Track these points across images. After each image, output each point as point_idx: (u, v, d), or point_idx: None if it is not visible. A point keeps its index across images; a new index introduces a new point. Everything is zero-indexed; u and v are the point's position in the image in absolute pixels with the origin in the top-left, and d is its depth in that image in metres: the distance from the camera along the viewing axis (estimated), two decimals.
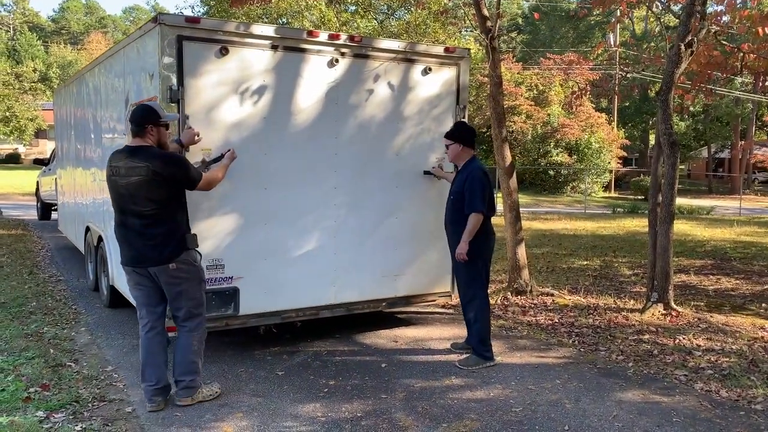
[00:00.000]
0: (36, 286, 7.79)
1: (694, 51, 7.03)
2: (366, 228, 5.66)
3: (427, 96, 5.88)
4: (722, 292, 8.38)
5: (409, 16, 18.98)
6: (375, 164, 5.67)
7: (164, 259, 4.04)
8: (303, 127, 5.28)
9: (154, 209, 4.02)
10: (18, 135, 39.64)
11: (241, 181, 4.95)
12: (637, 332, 6.07)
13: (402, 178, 5.81)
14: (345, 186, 5.52)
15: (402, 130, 5.79)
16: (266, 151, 5.12)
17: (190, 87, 4.74)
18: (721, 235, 14.68)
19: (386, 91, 5.66)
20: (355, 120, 5.53)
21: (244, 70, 4.97)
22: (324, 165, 5.41)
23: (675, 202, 6.83)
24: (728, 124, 39.48)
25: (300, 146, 5.28)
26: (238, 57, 4.92)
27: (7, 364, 4.91)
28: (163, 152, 4.13)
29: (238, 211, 5.03)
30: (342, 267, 5.55)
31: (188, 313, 4.19)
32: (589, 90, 13.78)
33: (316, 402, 4.35)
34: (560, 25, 45.20)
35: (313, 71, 5.28)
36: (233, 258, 5.01)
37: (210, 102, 4.85)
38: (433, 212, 5.90)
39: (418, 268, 5.96)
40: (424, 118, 5.89)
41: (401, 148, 5.79)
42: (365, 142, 5.60)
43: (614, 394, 4.55)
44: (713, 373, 4.95)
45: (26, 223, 14.17)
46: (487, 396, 4.50)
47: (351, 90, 5.48)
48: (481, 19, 7.53)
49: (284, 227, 5.26)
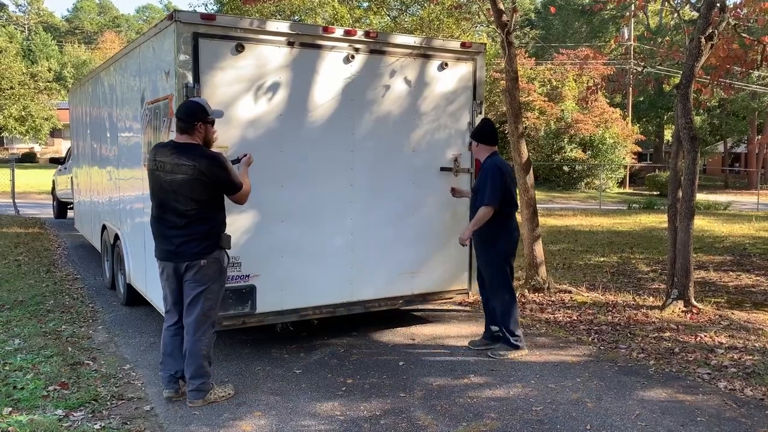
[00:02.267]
0: (53, 284, 7.83)
1: (714, 44, 6.92)
2: (382, 225, 5.62)
3: (443, 91, 5.83)
4: (743, 288, 8.26)
5: (422, 11, 18.90)
6: (392, 161, 5.63)
7: (196, 254, 4.06)
8: (319, 123, 5.25)
9: (195, 208, 4.04)
10: (34, 134, 39.99)
11: (257, 179, 4.89)
12: (658, 330, 5.99)
13: (419, 174, 5.76)
14: (361, 183, 5.48)
15: (418, 126, 5.74)
16: (282, 148, 5.10)
17: (206, 84, 4.72)
18: (740, 231, 14.49)
19: (402, 86, 5.61)
20: (371, 116, 5.49)
21: (260, 66, 4.94)
22: (340, 162, 5.37)
23: (695, 198, 6.73)
24: (744, 119, 39.02)
25: (316, 143, 5.24)
26: (254, 54, 4.89)
27: (26, 363, 4.93)
28: (210, 152, 4.12)
29: (254, 209, 4.97)
30: (359, 265, 5.51)
31: (202, 314, 4.13)
32: (604, 85, 13.66)
33: (334, 400, 4.32)
34: (574, 20, 44.87)
35: (329, 67, 5.25)
36: (250, 256, 4.99)
37: (226, 99, 4.81)
38: (450, 209, 5.86)
39: (434, 265, 5.91)
40: (440, 114, 5.84)
41: (418, 144, 5.74)
42: (382, 138, 5.55)
43: (636, 392, 4.48)
44: (737, 372, 4.87)
45: (43, 221, 14.28)
46: (506, 394, 4.45)
47: (367, 86, 5.44)
48: (496, 14, 7.45)
49: (300, 225, 5.22)
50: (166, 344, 4.28)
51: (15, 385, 4.44)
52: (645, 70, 21.85)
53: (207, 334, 4.19)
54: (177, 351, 4.23)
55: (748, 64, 9.81)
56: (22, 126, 38.10)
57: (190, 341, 4.15)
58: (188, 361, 4.17)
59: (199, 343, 4.15)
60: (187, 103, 4.24)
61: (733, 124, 39.95)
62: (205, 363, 4.19)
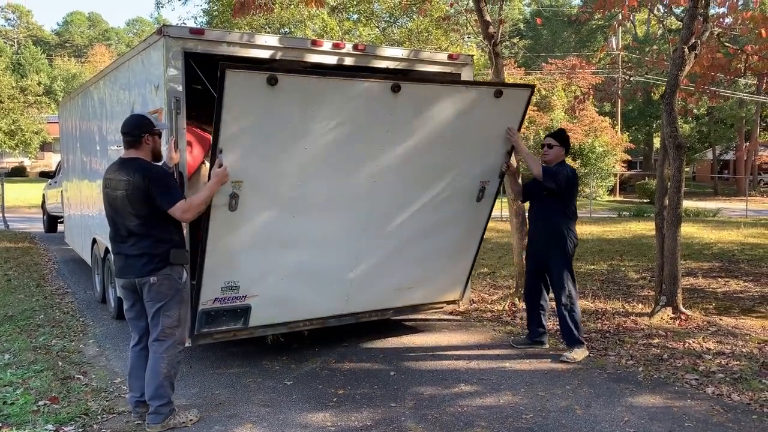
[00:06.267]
0: (43, 298, 7.80)
1: (698, 54, 7.02)
2: (391, 250, 5.44)
3: (484, 121, 5.30)
4: (731, 294, 8.34)
5: (411, 23, 19.04)
6: (414, 189, 5.30)
7: (146, 272, 3.93)
8: (342, 156, 4.83)
9: (138, 224, 3.93)
10: (23, 148, 39.80)
11: (269, 210, 4.67)
12: (647, 336, 6.03)
13: (439, 201, 5.45)
14: (378, 212, 5.22)
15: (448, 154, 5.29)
16: (301, 180, 4.73)
17: (228, 118, 4.18)
18: (728, 237, 14.61)
19: (443, 117, 5.07)
20: (400, 146, 5.03)
21: (289, 99, 4.38)
22: (360, 192, 5.05)
23: (682, 205, 6.80)
24: (732, 126, 39.36)
25: (337, 175, 4.88)
26: (286, 86, 4.30)
27: (16, 378, 4.92)
28: (147, 165, 3.97)
29: (261, 237, 4.76)
30: (358, 285, 5.41)
31: (162, 332, 4.00)
32: (592, 94, 13.78)
33: (325, 411, 4.33)
34: (562, 30, 45.25)
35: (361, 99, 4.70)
36: (249, 279, 4.84)
37: (247, 133, 4.33)
38: (463, 231, 5.71)
39: (433, 281, 5.87)
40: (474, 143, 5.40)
41: (444, 172, 5.36)
42: (408, 168, 5.15)
43: (625, 399, 4.52)
44: (724, 377, 4.91)
45: (33, 235, 14.21)
46: (496, 403, 4.47)
47: (400, 116, 4.90)
48: (483, 25, 7.54)
49: (306, 250, 5.02)
50: (131, 365, 4.17)
51: (5, 401, 4.43)
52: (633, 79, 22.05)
53: (169, 353, 4.02)
54: (141, 371, 4.10)
55: (732, 72, 9.94)
56: (12, 140, 37.94)
57: (152, 359, 4.03)
58: (148, 380, 4.03)
59: (160, 361, 3.99)
60: (132, 117, 4.13)
61: (722, 132, 40.28)
62: (165, 383, 4.01)
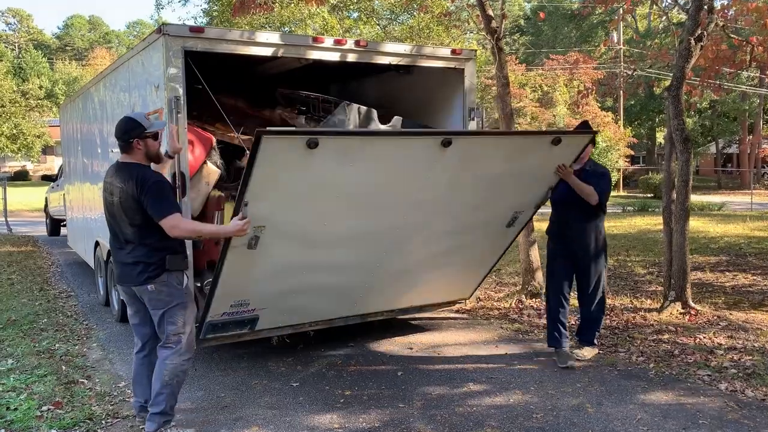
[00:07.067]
0: (47, 302, 7.76)
1: (703, 45, 6.93)
2: (411, 267, 5.25)
3: (526, 166, 4.85)
4: (739, 288, 8.24)
5: (412, 20, 18.95)
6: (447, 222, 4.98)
7: (143, 279, 3.81)
8: (375, 200, 4.50)
9: (132, 231, 3.80)
10: (26, 152, 39.81)
11: (290, 246, 4.42)
12: (656, 332, 5.96)
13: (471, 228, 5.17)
14: (406, 240, 4.93)
15: (480, 197, 4.95)
16: (327, 221, 4.43)
17: (259, 174, 3.78)
18: (735, 231, 14.50)
19: (481, 165, 4.63)
20: (433, 191, 4.65)
21: (326, 156, 3.94)
22: (387, 227, 4.74)
23: (689, 199, 6.72)
24: (735, 120, 39.18)
25: (366, 216, 4.58)
26: (325, 147, 3.86)
27: (19, 383, 4.86)
28: (141, 173, 3.77)
29: (278, 267, 4.55)
30: (370, 295, 5.31)
31: (168, 339, 3.89)
32: (595, 88, 13.71)
33: (332, 413, 4.27)
34: (563, 25, 45.09)
35: (403, 154, 4.29)
36: (260, 297, 4.72)
37: (276, 187, 3.99)
38: (487, 249, 5.51)
39: (446, 286, 5.77)
40: (521, 183, 5.02)
41: (481, 205, 5.02)
42: (438, 207, 4.82)
43: (637, 396, 4.45)
44: (737, 372, 4.84)
45: (36, 239, 14.19)
46: (506, 402, 4.40)
47: (437, 167, 4.46)
48: (486, 20, 7.46)
49: (324, 273, 4.83)
50: (134, 371, 4.11)
51: (8, 406, 4.38)
52: (635, 73, 21.94)
53: (173, 361, 3.87)
54: (145, 378, 4.04)
55: (736, 64, 9.84)
56: (14, 144, 37.92)
57: (157, 363, 3.93)
58: (153, 384, 3.93)
59: (163, 368, 3.87)
60: (121, 121, 3.89)
61: (725, 126, 40.09)
62: (164, 392, 3.86)
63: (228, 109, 5.85)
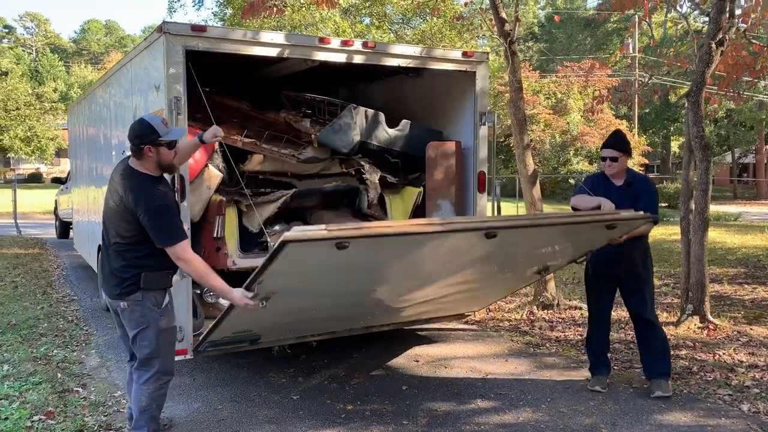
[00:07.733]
0: (49, 306, 7.64)
1: (724, 50, 6.71)
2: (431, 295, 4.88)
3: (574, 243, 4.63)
4: (759, 302, 7.97)
5: (424, 25, 18.79)
6: (468, 275, 4.71)
7: (116, 294, 3.54)
8: (398, 277, 4.31)
9: (116, 241, 3.54)
10: (39, 154, 40.09)
11: (300, 301, 4.18)
12: (674, 347, 5.70)
13: (491, 281, 5.03)
14: (430, 281, 4.58)
15: (516, 264, 4.79)
16: (342, 291, 4.26)
17: (277, 269, 3.43)
18: (752, 242, 14.17)
19: (526, 249, 4.50)
20: (467, 268, 4.48)
21: (355, 254, 3.56)
22: (417, 276, 4.42)
23: (709, 209, 6.48)
24: (752, 129, 38.66)
25: (386, 283, 4.40)
26: (355, 246, 3.46)
27: (13, 390, 4.73)
28: (144, 191, 3.46)
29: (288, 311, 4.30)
30: (378, 314, 5.10)
31: (140, 363, 3.61)
32: (610, 95, 13.46)
33: (333, 428, 4.08)
34: (577, 32, 44.81)
35: (444, 249, 4.01)
36: (265, 326, 4.54)
37: (293, 279, 3.75)
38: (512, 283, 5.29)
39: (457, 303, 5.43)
40: (549, 254, 4.79)
41: (504, 270, 4.85)
42: (466, 273, 4.60)
43: (653, 416, 4.22)
44: (759, 392, 4.59)
45: (44, 241, 14.15)
46: (516, 420, 4.20)
47: (477, 253, 4.22)
48: (499, 23, 7.28)
49: (333, 308, 4.57)
50: (128, 380, 3.88)
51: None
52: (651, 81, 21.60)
53: (149, 386, 3.60)
54: None
55: (757, 72, 9.59)
56: (28, 146, 38.21)
57: (134, 387, 3.68)
58: (132, 407, 3.71)
59: (140, 393, 3.61)
60: (136, 122, 3.60)
61: (741, 135, 39.56)
62: (143, 417, 3.60)
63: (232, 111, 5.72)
